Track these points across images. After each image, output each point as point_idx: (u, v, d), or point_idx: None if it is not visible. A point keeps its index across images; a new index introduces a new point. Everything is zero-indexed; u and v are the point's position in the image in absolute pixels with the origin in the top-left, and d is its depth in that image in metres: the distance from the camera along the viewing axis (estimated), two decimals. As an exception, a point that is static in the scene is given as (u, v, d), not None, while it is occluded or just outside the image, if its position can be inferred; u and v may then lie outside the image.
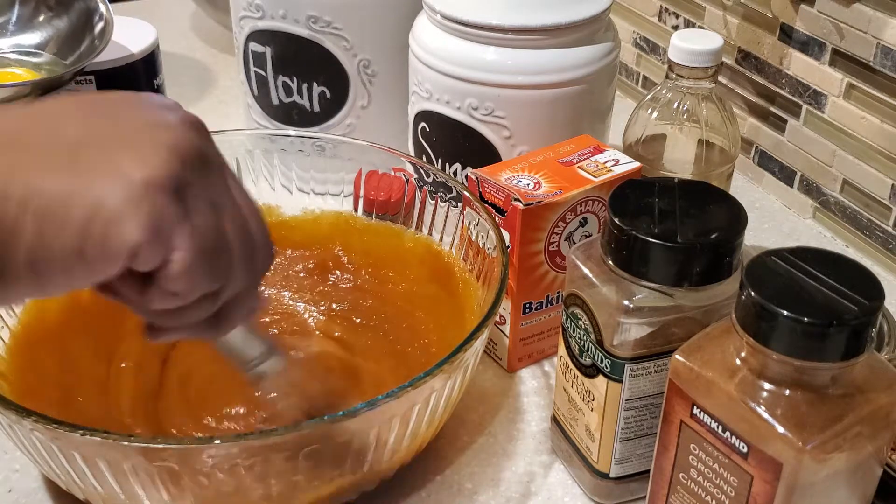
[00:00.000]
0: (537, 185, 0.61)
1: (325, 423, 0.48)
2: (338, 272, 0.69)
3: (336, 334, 0.65)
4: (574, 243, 0.62)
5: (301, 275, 0.69)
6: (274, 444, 0.47)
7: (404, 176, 0.69)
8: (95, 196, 0.34)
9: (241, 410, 0.58)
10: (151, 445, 0.46)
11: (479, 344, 0.53)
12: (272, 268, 0.69)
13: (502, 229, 0.60)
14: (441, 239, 0.68)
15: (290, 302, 0.68)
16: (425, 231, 0.69)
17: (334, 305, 0.67)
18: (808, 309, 0.41)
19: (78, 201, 0.34)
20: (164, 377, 0.61)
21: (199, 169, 0.37)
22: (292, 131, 0.74)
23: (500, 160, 0.69)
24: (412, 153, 0.75)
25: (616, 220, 0.49)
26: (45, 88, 0.75)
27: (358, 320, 0.66)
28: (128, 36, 0.81)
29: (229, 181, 0.39)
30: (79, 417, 0.56)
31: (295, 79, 0.78)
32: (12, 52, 0.84)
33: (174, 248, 0.36)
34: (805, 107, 0.80)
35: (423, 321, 0.65)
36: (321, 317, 0.67)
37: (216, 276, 0.38)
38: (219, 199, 0.38)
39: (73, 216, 0.34)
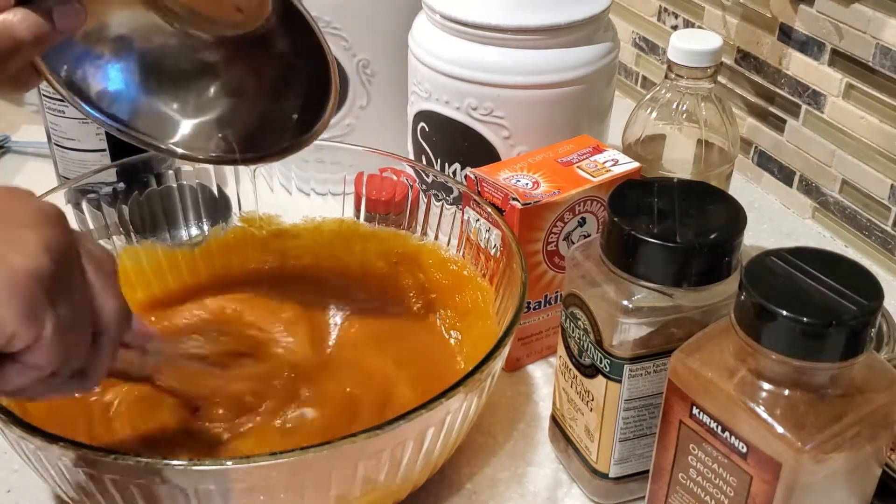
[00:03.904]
0: (536, 185, 0.61)
1: (360, 437, 0.46)
2: (342, 282, 0.69)
3: (342, 345, 0.64)
4: (572, 243, 0.62)
5: (302, 287, 0.68)
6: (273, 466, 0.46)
7: (406, 181, 0.69)
8: None
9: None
10: (150, 463, 0.45)
11: (498, 363, 0.53)
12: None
13: (507, 231, 0.60)
14: (448, 242, 0.68)
15: (295, 315, 0.66)
16: (431, 235, 0.69)
17: (340, 317, 0.67)
18: (807, 309, 0.41)
19: None
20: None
21: (63, 263, 0.42)
22: None
23: (500, 160, 0.69)
24: (411, 153, 0.75)
25: (615, 220, 0.49)
26: None
27: (365, 332, 0.65)
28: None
29: (84, 265, 0.44)
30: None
31: (294, 79, 0.78)
32: None
33: (42, 332, 0.41)
34: (804, 107, 0.80)
35: (436, 331, 0.65)
36: (327, 330, 0.66)
37: (69, 353, 0.43)
38: (75, 286, 0.43)
39: None
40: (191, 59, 0.60)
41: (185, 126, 0.60)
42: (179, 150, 0.60)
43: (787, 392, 0.43)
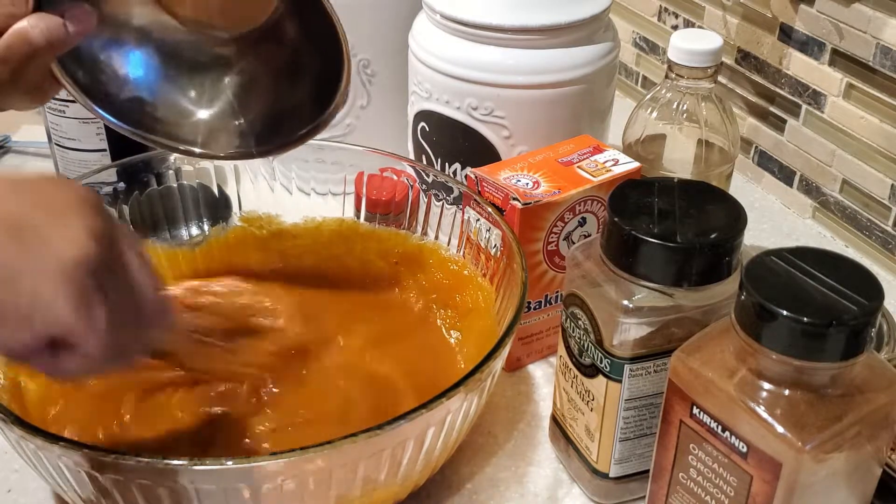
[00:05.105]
0: (536, 185, 0.61)
1: (360, 437, 0.46)
2: (342, 282, 0.69)
3: (342, 344, 0.64)
4: (573, 243, 0.62)
5: (302, 286, 0.68)
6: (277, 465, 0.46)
7: (407, 181, 0.69)
8: (39, 268, 0.40)
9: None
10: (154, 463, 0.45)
11: (498, 362, 0.53)
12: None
13: (507, 231, 0.60)
14: (448, 242, 0.68)
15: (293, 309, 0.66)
16: (431, 235, 0.69)
17: (340, 317, 0.66)
18: (808, 309, 0.41)
19: (27, 272, 0.40)
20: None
21: (107, 248, 0.42)
22: None
23: (500, 160, 0.69)
24: (412, 153, 0.75)
25: (616, 220, 0.49)
26: None
27: (365, 331, 0.65)
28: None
29: (122, 248, 0.44)
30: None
31: (294, 79, 0.78)
32: None
33: (96, 322, 0.41)
34: (804, 107, 0.80)
35: (437, 331, 0.65)
36: (326, 329, 0.65)
37: (118, 338, 0.43)
38: (119, 270, 0.44)
39: (23, 284, 0.40)
40: (203, 57, 0.60)
41: (201, 125, 0.60)
42: (197, 150, 0.60)
43: (787, 392, 0.43)
